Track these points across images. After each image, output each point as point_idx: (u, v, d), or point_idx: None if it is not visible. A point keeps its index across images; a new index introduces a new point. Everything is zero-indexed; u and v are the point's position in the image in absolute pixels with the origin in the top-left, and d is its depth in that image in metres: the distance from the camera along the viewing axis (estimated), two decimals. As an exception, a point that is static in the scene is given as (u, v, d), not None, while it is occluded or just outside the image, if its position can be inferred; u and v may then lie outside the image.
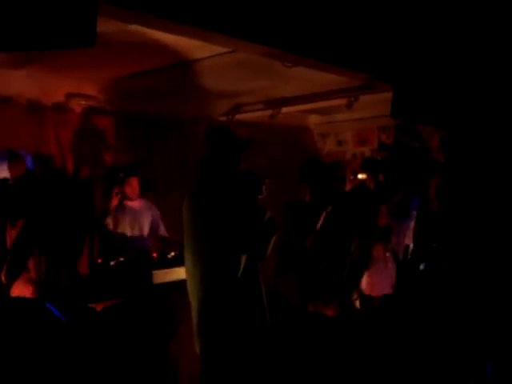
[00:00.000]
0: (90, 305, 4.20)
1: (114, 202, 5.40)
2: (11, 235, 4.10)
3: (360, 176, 5.69)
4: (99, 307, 4.15)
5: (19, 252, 4.09)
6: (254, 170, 3.72)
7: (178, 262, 4.88)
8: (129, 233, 5.59)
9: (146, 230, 5.73)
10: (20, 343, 1.67)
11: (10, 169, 4.25)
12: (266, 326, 3.65)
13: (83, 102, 5.99)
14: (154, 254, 5.21)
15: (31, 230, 4.09)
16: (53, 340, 1.68)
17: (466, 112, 5.20)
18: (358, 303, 5.07)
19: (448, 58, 4.99)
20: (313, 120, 8.34)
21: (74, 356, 1.79)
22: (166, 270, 4.89)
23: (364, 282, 5.29)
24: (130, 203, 5.61)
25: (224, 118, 7.10)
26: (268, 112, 6.91)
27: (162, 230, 5.82)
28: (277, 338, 3.82)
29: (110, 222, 5.46)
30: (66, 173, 5.85)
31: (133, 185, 5.54)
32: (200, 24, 3.47)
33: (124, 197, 5.53)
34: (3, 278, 4.07)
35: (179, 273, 4.74)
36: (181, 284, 4.24)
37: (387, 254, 5.15)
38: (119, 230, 5.54)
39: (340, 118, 7.83)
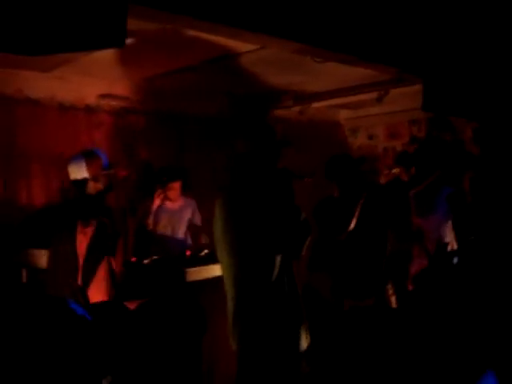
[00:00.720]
0: (124, 303, 4.27)
1: (157, 202, 5.48)
2: (81, 239, 4.16)
3: (394, 170, 5.64)
4: (133, 305, 4.19)
5: (93, 255, 4.15)
6: (289, 167, 3.67)
7: (210, 259, 4.89)
8: (168, 232, 5.65)
9: (182, 232, 5.77)
10: (40, 341, 1.68)
11: (88, 168, 4.27)
12: (303, 323, 3.63)
13: (115, 103, 6.03)
14: (187, 252, 5.23)
15: (103, 233, 4.16)
16: (75, 338, 1.69)
17: (498, 103, 5.13)
18: (394, 299, 5.01)
19: (477, 48, 4.93)
20: (343, 115, 8.32)
21: (100, 353, 1.79)
22: (199, 268, 4.90)
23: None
24: (170, 204, 5.65)
25: (254, 115, 7.09)
26: (298, 108, 6.89)
27: (197, 220, 5.86)
28: (313, 334, 3.80)
29: (150, 222, 5.52)
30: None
31: (175, 188, 5.57)
32: (229, 22, 3.47)
33: (165, 198, 5.59)
34: (80, 282, 4.12)
35: (212, 270, 4.75)
36: (214, 281, 4.26)
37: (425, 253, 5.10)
38: (159, 230, 5.61)
39: (370, 112, 7.78)
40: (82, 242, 4.11)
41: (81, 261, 4.11)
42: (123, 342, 2.01)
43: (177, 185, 5.60)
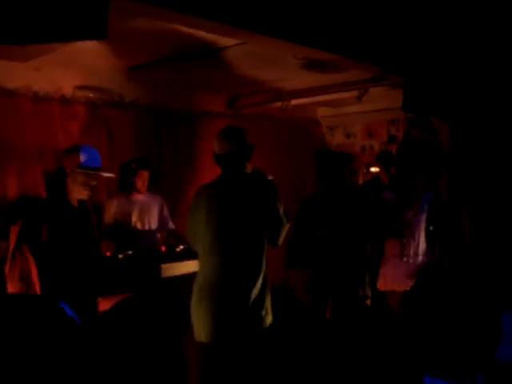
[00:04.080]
0: (98, 298, 4.21)
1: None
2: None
3: (373, 169, 5.63)
4: (108, 301, 4.13)
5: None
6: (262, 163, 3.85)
7: (186, 255, 4.86)
8: (138, 226, 5.61)
9: (154, 224, 5.74)
10: (29, 341, 1.64)
11: (65, 161, 4.14)
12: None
13: (91, 95, 5.95)
14: (163, 248, 5.19)
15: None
16: (64, 339, 1.64)
17: (477, 104, 5.16)
18: (368, 300, 5.00)
19: (458, 49, 4.96)
20: (321, 112, 8.30)
21: (86, 355, 1.75)
22: (175, 264, 4.87)
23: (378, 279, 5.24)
24: (138, 196, 5.62)
25: (233, 111, 7.07)
26: (278, 104, 6.87)
27: (170, 224, 5.84)
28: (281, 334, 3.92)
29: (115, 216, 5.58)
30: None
31: (143, 177, 5.57)
32: (210, 16, 3.44)
33: (133, 188, 5.57)
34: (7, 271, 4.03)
35: (188, 266, 4.73)
36: (189, 277, 4.24)
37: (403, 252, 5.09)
38: (131, 224, 5.58)
39: (349, 110, 7.78)
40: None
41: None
42: (102, 343, 1.97)
43: (145, 174, 5.60)
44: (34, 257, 3.87)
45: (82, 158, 4.02)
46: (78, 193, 4.05)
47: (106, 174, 4.26)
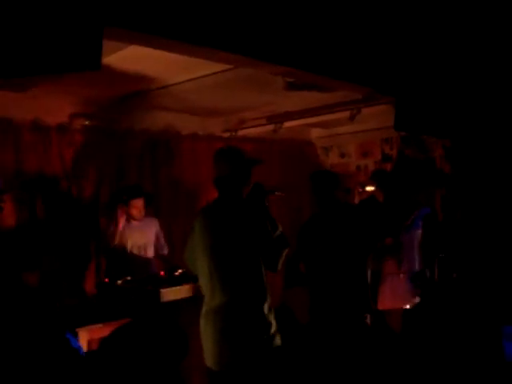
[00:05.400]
0: (97, 324, 4.20)
1: (121, 222, 5.48)
2: None
3: (368, 188, 5.63)
4: (107, 327, 4.14)
5: None
6: (261, 182, 3.77)
7: (185, 279, 4.87)
8: (135, 251, 5.64)
9: (151, 249, 5.77)
10: (34, 370, 1.67)
11: None
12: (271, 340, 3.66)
13: (87, 122, 6.00)
14: (162, 273, 5.20)
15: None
16: (68, 370, 1.67)
17: (469, 121, 5.21)
18: (369, 319, 4.94)
19: (449, 68, 5.01)
20: (315, 133, 8.34)
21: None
22: (174, 288, 4.88)
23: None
24: (134, 223, 5.64)
25: (227, 134, 7.12)
26: (270, 127, 6.91)
27: (165, 249, 5.87)
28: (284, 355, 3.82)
29: (117, 243, 5.55)
30: (71, 194, 5.87)
31: (138, 206, 5.57)
32: (203, 42, 3.49)
33: (129, 217, 5.58)
34: None
35: (187, 290, 4.74)
36: (189, 301, 4.24)
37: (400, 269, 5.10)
38: (128, 250, 5.60)
39: (342, 130, 7.83)
40: None
41: None
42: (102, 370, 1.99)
43: (139, 202, 5.60)
44: None
45: None
46: None
47: (6, 195, 4.11)
